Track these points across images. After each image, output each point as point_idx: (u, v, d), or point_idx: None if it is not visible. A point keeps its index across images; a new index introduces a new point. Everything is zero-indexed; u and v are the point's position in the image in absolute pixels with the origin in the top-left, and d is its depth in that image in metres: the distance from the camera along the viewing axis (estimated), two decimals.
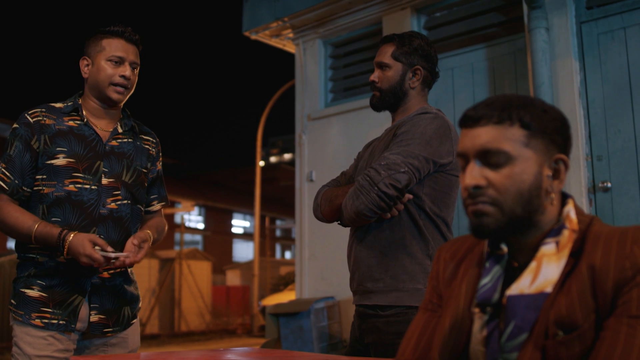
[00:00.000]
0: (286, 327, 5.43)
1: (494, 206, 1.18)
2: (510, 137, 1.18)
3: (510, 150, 1.17)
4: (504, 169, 1.18)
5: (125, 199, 2.33)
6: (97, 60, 2.30)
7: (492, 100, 1.23)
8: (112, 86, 2.29)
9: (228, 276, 19.33)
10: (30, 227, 2.14)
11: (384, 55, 2.31)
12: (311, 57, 6.13)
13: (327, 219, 2.32)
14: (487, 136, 1.19)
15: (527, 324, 1.14)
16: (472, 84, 4.90)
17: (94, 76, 2.30)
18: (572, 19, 4.30)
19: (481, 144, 1.19)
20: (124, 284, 2.35)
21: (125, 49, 2.30)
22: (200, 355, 2.01)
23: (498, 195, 1.18)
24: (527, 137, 1.18)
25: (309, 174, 5.99)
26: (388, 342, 2.07)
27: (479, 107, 1.22)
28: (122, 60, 2.29)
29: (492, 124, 1.19)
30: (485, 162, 1.20)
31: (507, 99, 1.22)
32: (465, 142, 1.23)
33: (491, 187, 1.18)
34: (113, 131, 2.36)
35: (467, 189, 1.20)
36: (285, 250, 31.07)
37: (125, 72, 2.29)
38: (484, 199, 1.19)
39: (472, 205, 1.21)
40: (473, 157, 1.21)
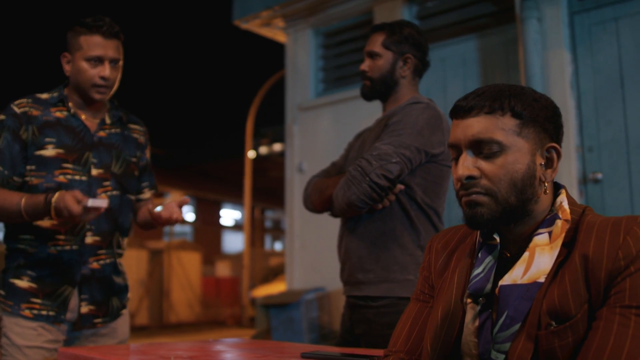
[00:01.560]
0: (276, 318, 5.42)
1: (488, 196, 1.17)
2: (502, 126, 1.17)
3: (502, 139, 1.17)
4: (496, 159, 1.17)
5: (115, 190, 2.31)
6: (76, 59, 2.24)
7: (482, 90, 1.22)
8: (93, 87, 2.24)
9: (218, 267, 19.31)
10: (18, 202, 2.09)
11: (374, 44, 2.28)
12: (302, 47, 6.09)
13: (317, 209, 2.29)
14: (479, 126, 1.18)
15: (520, 314, 1.13)
16: (464, 74, 4.88)
17: (75, 76, 2.26)
18: (564, 9, 4.28)
19: (473, 134, 1.18)
20: (113, 275, 2.33)
21: (104, 46, 2.22)
22: (191, 346, 1.99)
23: (491, 185, 1.17)
24: (519, 126, 1.18)
25: (299, 165, 5.96)
26: (378, 333, 2.06)
27: (469, 97, 1.21)
28: (101, 60, 2.22)
29: (483, 114, 1.19)
30: (478, 153, 1.19)
31: (498, 88, 1.21)
32: (456, 132, 1.22)
33: (484, 177, 1.18)
34: (100, 122, 2.33)
35: (460, 179, 1.19)
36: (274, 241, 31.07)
37: (105, 72, 2.22)
38: (478, 190, 1.18)
39: (466, 196, 1.20)
40: (465, 148, 1.20)
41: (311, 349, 1.78)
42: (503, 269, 1.22)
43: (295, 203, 5.97)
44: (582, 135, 4.14)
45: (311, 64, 6.04)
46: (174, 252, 15.63)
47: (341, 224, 2.28)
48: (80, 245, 2.21)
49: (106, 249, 2.28)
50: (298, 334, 5.31)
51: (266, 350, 1.88)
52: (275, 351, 1.85)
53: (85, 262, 2.22)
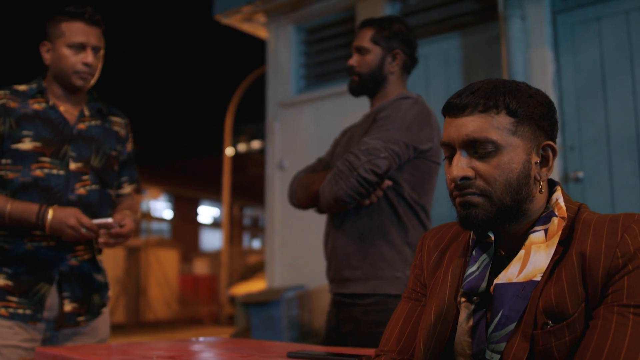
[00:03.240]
0: (256, 316, 5.37)
1: (483, 197, 1.14)
2: (497, 125, 1.13)
3: (497, 139, 1.13)
4: (491, 159, 1.14)
5: (94, 184, 2.24)
6: (57, 47, 2.18)
7: (476, 86, 1.18)
8: (76, 74, 2.19)
9: (195, 265, 19.18)
10: (3, 207, 2.04)
11: (363, 39, 2.25)
12: (283, 43, 6.04)
13: (302, 205, 2.26)
14: (473, 125, 1.14)
15: (516, 313, 1.11)
16: (446, 72, 4.87)
17: (56, 63, 2.20)
18: (547, 8, 4.29)
19: (467, 133, 1.14)
20: (93, 272, 2.27)
21: (86, 33, 2.18)
22: (172, 346, 1.95)
23: (486, 186, 1.14)
24: (514, 125, 1.14)
25: (280, 162, 5.92)
26: (366, 332, 2.03)
27: (463, 94, 1.17)
28: (84, 46, 2.18)
29: (477, 113, 1.14)
30: (472, 152, 1.15)
31: (492, 84, 1.17)
32: (450, 131, 1.18)
33: (479, 177, 1.14)
34: (80, 114, 2.26)
35: (455, 180, 1.15)
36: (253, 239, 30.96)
37: (87, 58, 2.18)
38: (472, 190, 1.15)
39: (460, 197, 1.16)
40: (459, 147, 1.16)
41: (297, 348, 1.75)
42: (497, 268, 1.19)
43: (275, 200, 5.92)
44: (564, 134, 4.15)
45: (293, 60, 6.00)
46: (151, 250, 15.49)
47: (327, 221, 2.24)
48: (57, 241, 2.15)
49: (85, 245, 2.22)
50: (278, 332, 5.28)
51: (251, 349, 1.84)
52: (260, 350, 1.81)
53: (63, 259, 2.16)
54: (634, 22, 3.98)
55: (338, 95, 5.50)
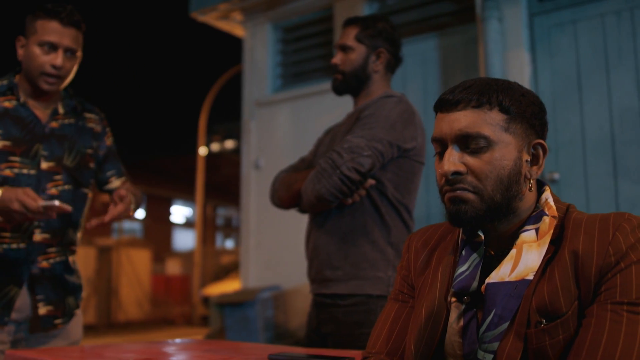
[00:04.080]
0: (231, 317, 5.32)
1: (474, 193, 1.14)
2: (489, 121, 1.14)
3: (490, 134, 1.13)
4: (483, 155, 1.13)
5: (66, 184, 2.17)
6: (29, 44, 2.10)
7: (469, 83, 1.18)
8: (43, 76, 2.09)
9: (168, 265, 19.00)
10: None
11: (347, 37, 2.23)
12: (260, 41, 5.99)
13: (284, 205, 2.23)
14: (466, 120, 1.14)
15: (509, 312, 1.10)
16: (423, 73, 4.88)
17: (26, 61, 2.12)
18: (524, 10, 4.32)
19: (460, 128, 1.14)
20: (65, 274, 2.20)
21: (60, 33, 2.09)
22: (148, 348, 1.90)
23: (478, 182, 1.13)
24: (507, 122, 1.14)
25: (256, 161, 5.87)
26: (347, 333, 2.01)
27: (456, 90, 1.17)
28: (55, 47, 2.09)
29: (470, 108, 1.15)
30: (464, 148, 1.15)
31: (486, 82, 1.18)
32: (442, 126, 1.17)
33: (470, 173, 1.14)
34: (53, 112, 2.19)
35: (446, 175, 1.15)
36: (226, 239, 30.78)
37: (57, 60, 2.08)
38: (464, 186, 1.14)
39: (451, 192, 1.15)
40: (451, 142, 1.16)
41: (277, 350, 1.71)
42: (487, 267, 1.18)
43: (251, 200, 5.87)
44: None
45: (269, 59, 5.96)
46: (123, 250, 15.29)
47: (309, 220, 2.22)
48: (27, 243, 2.07)
49: (57, 246, 2.15)
50: (253, 333, 5.23)
51: (229, 351, 1.80)
52: (239, 353, 1.77)
53: (34, 261, 2.09)
54: (610, 26, 4.02)
55: (315, 94, 5.48)
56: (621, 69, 3.96)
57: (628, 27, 3.96)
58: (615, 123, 3.96)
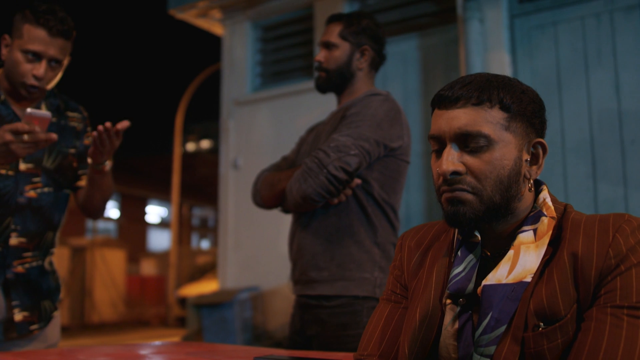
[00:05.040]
0: (208, 318, 5.26)
1: (473, 194, 1.10)
2: (490, 119, 1.09)
3: (490, 133, 1.09)
4: (483, 154, 1.10)
5: (46, 186, 2.09)
6: (13, 47, 2.00)
7: (469, 79, 1.14)
8: (22, 85, 2.00)
9: (143, 265, 18.79)
10: None
11: (330, 35, 2.19)
12: (239, 40, 5.94)
13: (267, 205, 2.18)
14: (465, 118, 1.10)
15: (506, 315, 1.07)
16: (404, 73, 4.87)
17: (9, 64, 2.02)
18: (505, 12, 4.33)
19: (459, 126, 1.10)
20: (41, 277, 2.12)
21: (46, 43, 1.98)
22: (126, 350, 1.85)
23: (477, 183, 1.10)
24: (507, 120, 1.10)
25: (234, 161, 5.82)
26: (332, 335, 1.97)
27: (455, 86, 1.13)
28: (39, 57, 1.98)
29: (470, 105, 1.10)
30: (463, 147, 1.11)
31: (485, 78, 1.13)
32: (440, 124, 1.13)
33: (469, 173, 1.10)
34: None
35: (444, 175, 1.11)
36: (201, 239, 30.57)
37: (39, 71, 1.98)
38: (463, 186, 1.10)
39: (449, 192, 1.12)
40: (450, 141, 1.12)
41: (260, 352, 1.67)
42: (483, 268, 1.15)
43: (229, 200, 5.82)
44: None
45: (248, 57, 5.91)
46: (97, 250, 15.08)
47: (293, 220, 2.17)
48: (3, 247, 1.99)
49: (33, 250, 2.07)
50: (231, 334, 5.17)
51: (213, 354, 1.75)
52: (224, 355, 1.72)
53: (9, 266, 2.00)
54: (589, 28, 4.05)
55: (294, 94, 5.44)
56: (600, 71, 3.99)
57: (607, 29, 3.99)
58: (594, 125, 3.99)
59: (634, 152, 3.84)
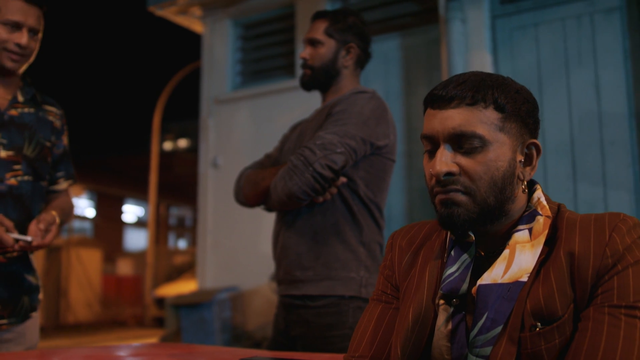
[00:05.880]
0: (187, 318, 5.20)
1: (467, 195, 1.08)
2: (484, 120, 1.07)
3: (484, 134, 1.07)
4: (477, 155, 1.08)
5: (26, 175, 2.05)
6: None
7: (463, 78, 1.11)
8: (6, 52, 1.99)
9: (119, 265, 18.59)
10: None
11: (316, 31, 2.17)
12: (220, 38, 5.89)
13: (250, 203, 2.15)
14: (459, 119, 1.08)
15: (502, 316, 1.05)
16: (385, 72, 4.86)
17: None
18: (487, 12, 4.34)
19: (453, 127, 1.08)
20: (23, 272, 2.07)
21: (24, 12, 1.99)
22: (108, 352, 1.80)
23: (471, 184, 1.08)
24: (501, 120, 1.08)
25: (214, 159, 5.76)
26: (318, 335, 1.94)
27: (449, 86, 1.11)
28: (19, 26, 1.99)
29: (464, 105, 1.08)
30: (457, 147, 1.09)
31: (480, 77, 1.11)
32: (434, 124, 1.10)
33: (463, 174, 1.08)
34: (12, 99, 2.07)
35: (438, 176, 1.09)
36: (178, 239, 30.34)
37: (22, 40, 1.99)
38: (456, 187, 1.08)
39: (442, 194, 1.10)
40: (443, 141, 1.09)
41: (248, 354, 1.64)
42: (476, 269, 1.14)
43: (208, 199, 5.76)
44: None
45: (229, 55, 5.86)
46: (73, 249, 14.89)
47: (277, 219, 2.14)
48: None
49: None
50: (210, 335, 5.12)
51: (198, 355, 1.71)
52: (206, 357, 1.69)
53: None
54: (570, 29, 4.08)
55: (275, 92, 5.41)
56: (581, 73, 4.02)
57: (588, 31, 4.02)
58: (574, 125, 4.01)
59: (613, 152, 3.87)
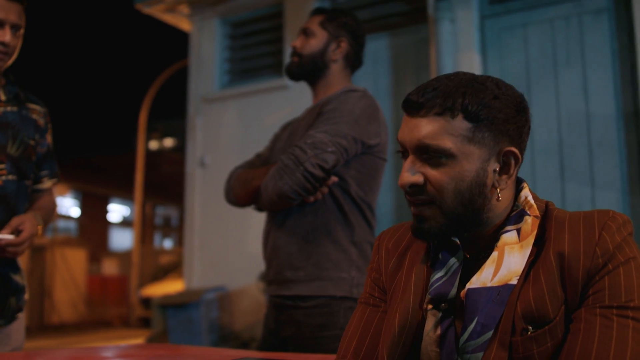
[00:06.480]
0: (174, 318, 5.16)
1: (433, 206, 1.07)
2: (452, 132, 1.04)
3: (450, 147, 1.04)
4: (442, 168, 1.06)
5: (10, 174, 2.01)
6: None
7: (438, 84, 1.08)
8: None
9: (104, 265, 18.46)
10: None
11: (311, 23, 2.20)
12: (208, 36, 5.85)
13: (240, 202, 2.13)
14: (425, 130, 1.05)
15: (492, 320, 1.02)
16: (374, 72, 4.85)
17: None
18: (476, 13, 4.35)
19: (419, 138, 1.06)
20: (10, 272, 2.03)
21: (5, 9, 1.95)
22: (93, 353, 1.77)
23: (436, 193, 1.06)
24: (471, 131, 1.04)
25: (201, 159, 5.73)
26: (309, 336, 1.92)
27: (424, 90, 1.07)
28: (1, 23, 1.95)
29: (432, 115, 1.05)
30: (424, 158, 1.07)
31: (457, 82, 1.07)
32: (404, 131, 1.09)
33: (429, 184, 1.07)
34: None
35: (403, 187, 1.08)
36: (164, 239, 30.18)
37: (5, 37, 1.94)
38: (423, 198, 1.07)
39: (413, 206, 1.10)
40: (411, 151, 1.08)
41: (237, 354, 1.62)
42: (464, 272, 1.11)
43: (196, 198, 5.73)
44: None
45: (217, 54, 5.82)
46: (57, 249, 14.76)
47: (268, 219, 2.12)
48: None
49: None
50: (197, 335, 5.09)
51: (188, 357, 1.69)
52: (196, 358, 1.67)
53: None
54: (558, 30, 4.09)
55: (263, 91, 5.38)
56: (569, 73, 4.03)
57: (576, 32, 4.03)
58: (562, 126, 4.03)
59: (601, 153, 3.89)
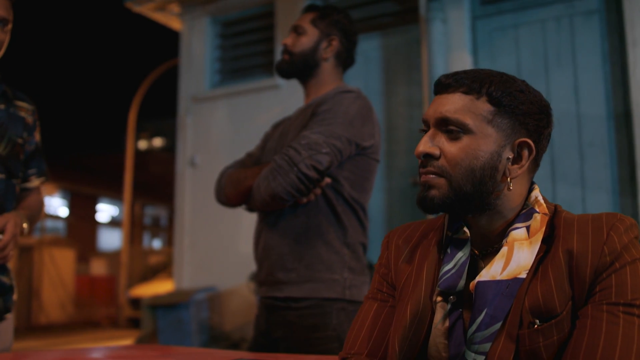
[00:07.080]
0: (164, 319, 5.13)
1: (443, 178, 1.12)
2: (474, 110, 1.11)
3: (469, 123, 1.11)
4: (459, 142, 1.11)
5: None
6: None
7: (472, 71, 1.16)
8: None
9: (93, 265, 18.36)
10: None
11: (303, 20, 2.18)
12: (198, 35, 5.82)
13: (232, 202, 2.11)
14: (450, 104, 1.12)
15: (501, 312, 1.06)
16: (366, 72, 4.85)
17: None
18: (467, 13, 4.35)
19: (442, 111, 1.12)
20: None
21: None
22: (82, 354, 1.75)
23: (448, 167, 1.12)
24: (492, 114, 1.11)
25: (191, 158, 5.70)
26: (301, 337, 1.91)
27: (454, 75, 1.15)
28: None
29: (459, 93, 1.13)
30: (443, 131, 1.13)
31: (486, 72, 1.15)
32: (430, 108, 1.16)
33: (444, 157, 1.12)
34: None
35: (418, 155, 1.14)
36: (153, 239, 30.06)
37: None
38: (433, 169, 1.12)
39: (423, 175, 1.14)
40: (432, 125, 1.15)
41: (232, 355, 1.61)
42: (471, 267, 1.15)
43: (186, 198, 5.70)
44: None
45: (207, 53, 5.80)
46: (45, 249, 14.65)
47: (259, 220, 2.10)
48: None
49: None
50: (187, 335, 5.06)
51: (173, 357, 1.67)
52: (185, 358, 1.65)
53: None
54: (550, 31, 4.10)
55: (254, 91, 5.36)
56: (560, 74, 4.04)
57: (567, 33, 4.04)
58: (553, 126, 4.03)
59: (592, 154, 3.90)
